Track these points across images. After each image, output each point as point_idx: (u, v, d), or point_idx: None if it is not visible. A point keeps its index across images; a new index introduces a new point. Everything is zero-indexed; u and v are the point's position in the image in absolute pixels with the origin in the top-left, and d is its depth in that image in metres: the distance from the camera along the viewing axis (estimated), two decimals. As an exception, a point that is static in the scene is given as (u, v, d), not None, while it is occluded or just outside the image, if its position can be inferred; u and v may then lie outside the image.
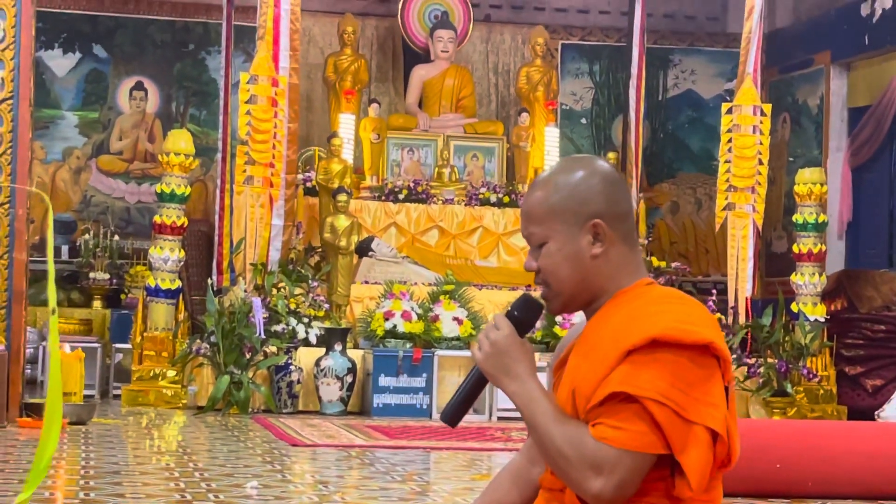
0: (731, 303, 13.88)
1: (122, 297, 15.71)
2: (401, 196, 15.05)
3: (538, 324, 13.15)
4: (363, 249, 14.23)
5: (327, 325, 12.88)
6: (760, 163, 13.90)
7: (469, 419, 12.11)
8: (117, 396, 13.46)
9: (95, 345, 13.95)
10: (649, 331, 2.47)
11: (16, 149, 10.09)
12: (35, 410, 10.15)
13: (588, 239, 2.60)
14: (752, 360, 13.18)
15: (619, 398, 2.46)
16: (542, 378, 2.64)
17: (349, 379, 12.43)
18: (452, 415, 2.67)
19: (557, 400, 2.61)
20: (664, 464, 2.48)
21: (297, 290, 13.11)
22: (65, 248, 16.30)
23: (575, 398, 2.54)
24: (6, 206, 10.07)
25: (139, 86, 17.02)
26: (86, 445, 8.66)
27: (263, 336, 12.22)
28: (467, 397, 2.66)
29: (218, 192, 14.49)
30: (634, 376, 2.45)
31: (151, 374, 12.65)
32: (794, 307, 13.70)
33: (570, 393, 2.56)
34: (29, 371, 12.66)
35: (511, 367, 2.57)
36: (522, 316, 2.64)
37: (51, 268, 2.36)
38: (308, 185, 14.82)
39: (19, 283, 10.22)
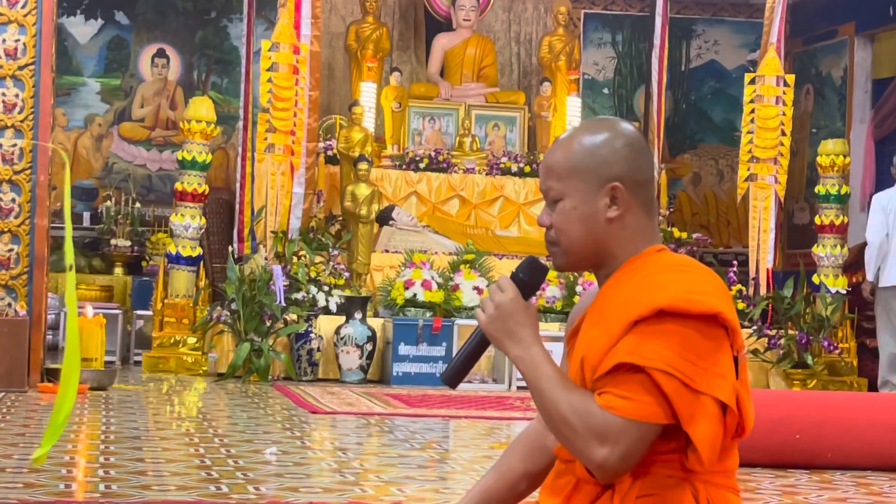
0: (752, 274, 13.85)
1: (144, 264, 15.76)
2: (422, 165, 15.03)
3: (558, 293, 13.15)
4: (384, 218, 14.22)
5: (347, 293, 12.89)
6: (783, 134, 13.84)
7: (489, 388, 12.15)
8: (138, 363, 13.51)
9: (116, 311, 14.00)
10: (656, 301, 2.44)
11: (37, 115, 10.10)
12: (56, 376, 10.19)
13: (605, 202, 2.57)
14: (773, 332, 13.15)
15: (626, 368, 2.44)
16: (560, 348, 2.62)
17: (369, 347, 12.44)
18: (452, 376, 2.64)
19: (569, 369, 2.59)
20: (678, 436, 2.46)
21: (318, 259, 13.12)
22: (86, 215, 16.34)
23: (583, 367, 2.53)
24: (27, 172, 10.08)
25: (161, 53, 17.02)
26: (106, 411, 8.69)
27: (284, 304, 12.24)
28: (468, 359, 2.63)
29: (239, 159, 14.49)
30: (641, 346, 2.43)
31: (172, 340, 12.69)
32: (815, 279, 13.66)
33: (580, 362, 2.54)
34: (50, 337, 12.71)
35: (515, 331, 2.54)
36: (528, 278, 2.60)
37: (68, 225, 2.37)
38: (329, 153, 14.81)
39: (40, 250, 10.25)
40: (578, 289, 13.09)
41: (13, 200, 10.03)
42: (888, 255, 11.48)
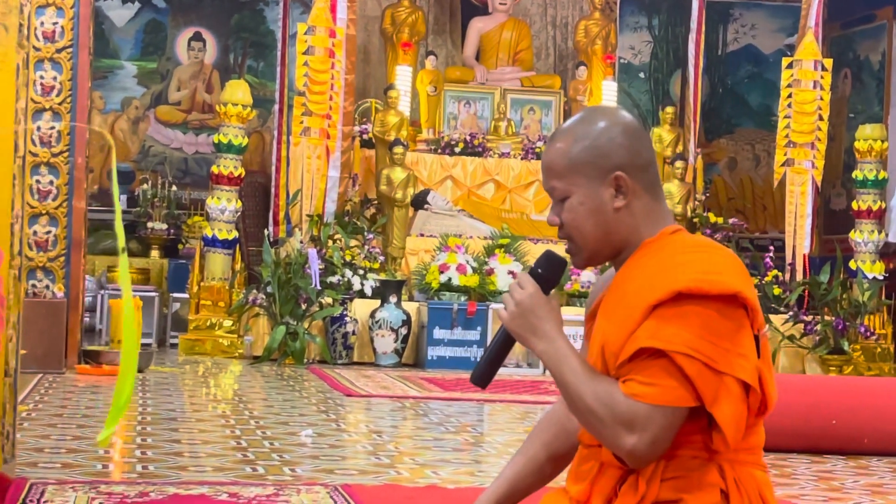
0: (788, 260, 13.80)
1: (180, 246, 15.83)
2: (457, 149, 15.02)
3: (593, 278, 13.13)
4: (419, 202, 14.23)
5: (382, 277, 12.91)
6: (820, 118, 13.77)
7: (523, 372, 12.15)
8: (174, 345, 13.58)
9: (153, 294, 14.07)
10: (674, 284, 2.43)
11: (75, 97, 10.15)
12: (93, 357, 10.26)
13: (610, 192, 2.56)
14: (809, 318, 13.10)
15: (647, 353, 2.43)
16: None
17: (404, 331, 12.46)
18: (481, 377, 2.64)
19: (589, 356, 2.59)
20: (701, 416, 2.46)
21: (353, 242, 13.15)
22: (123, 199, 16.41)
23: (604, 354, 2.52)
24: (65, 154, 10.14)
25: (197, 36, 17.07)
26: (143, 392, 8.74)
27: (319, 287, 12.28)
28: (496, 358, 2.63)
29: (275, 143, 14.52)
30: (661, 331, 2.42)
31: (208, 323, 12.75)
32: (852, 264, 13.60)
33: (600, 349, 2.54)
34: (87, 319, 12.80)
35: (538, 326, 2.53)
36: (546, 272, 2.59)
37: (117, 207, 2.38)
38: (364, 137, 14.82)
39: (78, 232, 10.31)
40: (611, 271, 13.05)
41: (51, 183, 10.09)
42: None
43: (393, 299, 12.49)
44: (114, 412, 2.39)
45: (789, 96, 13.81)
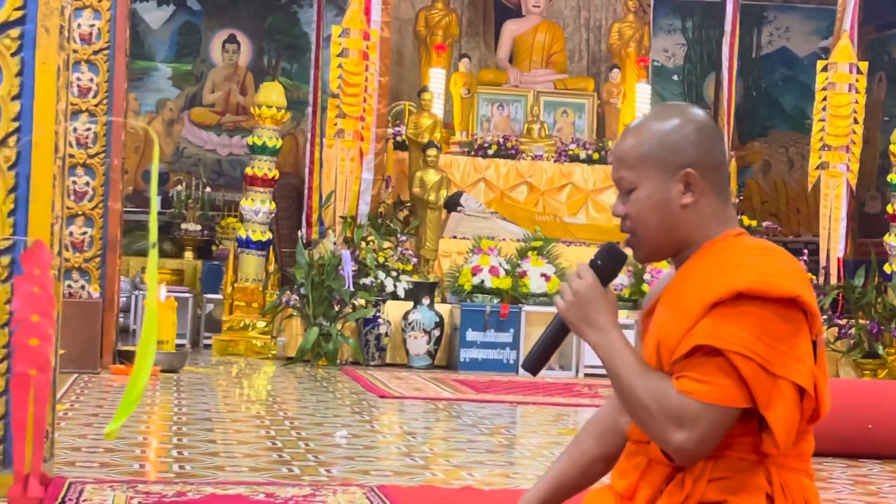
0: (822, 263, 13.74)
1: (214, 248, 15.88)
2: (490, 151, 15.02)
3: (626, 281, 13.11)
4: (452, 204, 14.23)
5: (415, 279, 12.93)
6: (855, 122, 13.71)
7: (556, 375, 12.15)
8: (208, 346, 13.63)
9: (187, 295, 14.13)
10: (734, 283, 2.43)
11: (111, 99, 10.21)
12: (128, 358, 10.31)
13: (679, 188, 2.56)
14: (844, 321, 13.04)
15: (703, 351, 2.43)
16: (630, 335, 2.62)
17: (436, 333, 12.48)
18: (533, 363, 2.66)
19: (644, 352, 2.59)
20: (752, 419, 2.45)
21: (386, 244, 13.17)
22: (157, 200, 16.45)
23: (660, 351, 2.52)
24: (101, 155, 10.19)
25: (232, 39, 17.14)
26: (178, 392, 8.79)
27: (352, 289, 12.30)
28: (549, 346, 2.64)
29: (308, 145, 14.55)
30: (719, 329, 2.42)
31: (242, 324, 12.79)
32: (886, 268, 13.52)
33: (656, 345, 2.54)
34: (122, 319, 12.86)
35: (593, 318, 2.54)
36: (606, 265, 2.60)
37: (153, 202, 2.39)
38: (398, 139, 14.83)
39: (114, 233, 10.37)
40: (647, 276, 13.05)
41: (87, 184, 10.14)
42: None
43: (426, 301, 12.50)
44: (124, 406, 2.40)
45: (824, 99, 13.76)
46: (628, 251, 2.68)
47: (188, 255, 16.04)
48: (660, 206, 2.57)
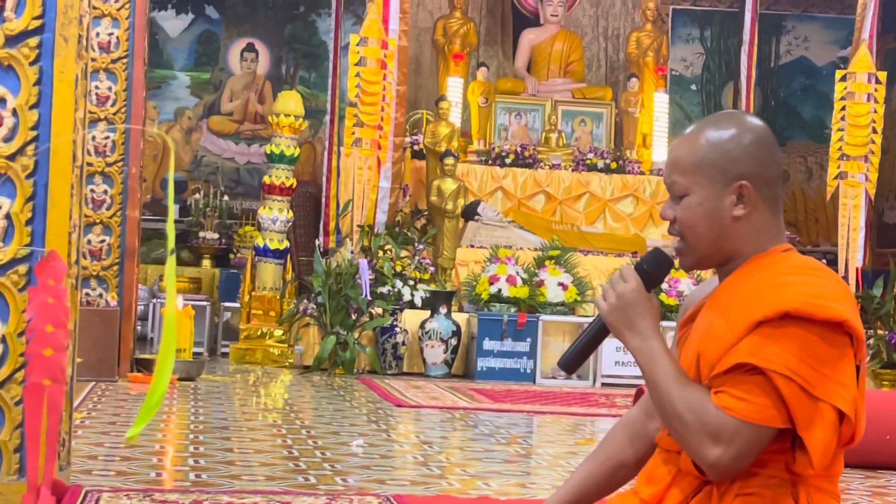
0: (841, 273, 13.69)
1: (231, 256, 15.91)
2: (508, 160, 15.02)
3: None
4: (469, 213, 14.23)
5: (433, 287, 12.92)
6: (874, 131, 13.67)
7: (573, 384, 12.13)
8: (225, 354, 13.65)
9: (204, 303, 14.15)
10: (782, 303, 2.40)
11: (130, 107, 10.23)
12: (145, 366, 10.33)
13: (732, 199, 2.52)
14: (862, 332, 12.98)
15: (745, 369, 2.40)
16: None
17: (454, 342, 12.47)
18: (570, 362, 2.64)
19: (682, 361, 2.56)
20: (786, 437, 2.43)
21: (403, 253, 13.17)
22: (175, 208, 16.52)
23: (699, 363, 2.49)
24: (119, 164, 10.21)
25: (250, 47, 17.18)
26: (195, 401, 8.79)
27: (369, 297, 12.30)
28: (587, 346, 2.62)
29: (326, 153, 14.58)
30: (763, 348, 2.39)
31: (259, 332, 12.80)
32: (905, 278, 13.47)
33: (696, 356, 2.51)
34: (139, 328, 12.88)
35: (635, 322, 2.51)
36: (652, 270, 2.57)
37: (171, 209, 2.40)
38: (415, 148, 14.84)
39: (132, 241, 10.38)
40: (665, 286, 13.02)
41: (105, 192, 10.16)
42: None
43: (443, 310, 12.50)
44: (145, 411, 2.41)
45: (843, 109, 13.72)
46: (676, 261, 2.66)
47: (206, 263, 16.07)
48: (710, 214, 2.53)
